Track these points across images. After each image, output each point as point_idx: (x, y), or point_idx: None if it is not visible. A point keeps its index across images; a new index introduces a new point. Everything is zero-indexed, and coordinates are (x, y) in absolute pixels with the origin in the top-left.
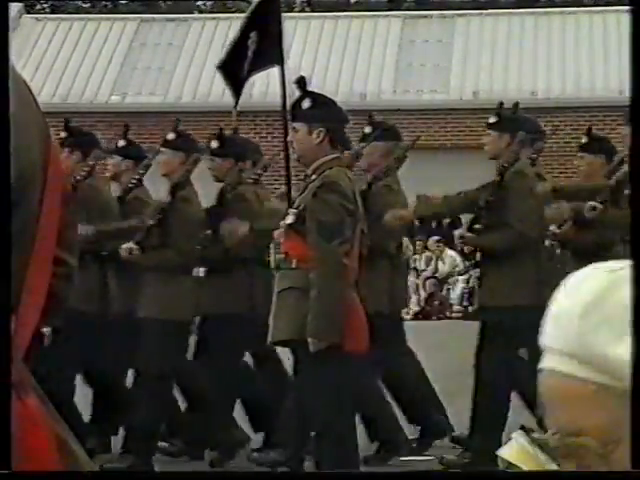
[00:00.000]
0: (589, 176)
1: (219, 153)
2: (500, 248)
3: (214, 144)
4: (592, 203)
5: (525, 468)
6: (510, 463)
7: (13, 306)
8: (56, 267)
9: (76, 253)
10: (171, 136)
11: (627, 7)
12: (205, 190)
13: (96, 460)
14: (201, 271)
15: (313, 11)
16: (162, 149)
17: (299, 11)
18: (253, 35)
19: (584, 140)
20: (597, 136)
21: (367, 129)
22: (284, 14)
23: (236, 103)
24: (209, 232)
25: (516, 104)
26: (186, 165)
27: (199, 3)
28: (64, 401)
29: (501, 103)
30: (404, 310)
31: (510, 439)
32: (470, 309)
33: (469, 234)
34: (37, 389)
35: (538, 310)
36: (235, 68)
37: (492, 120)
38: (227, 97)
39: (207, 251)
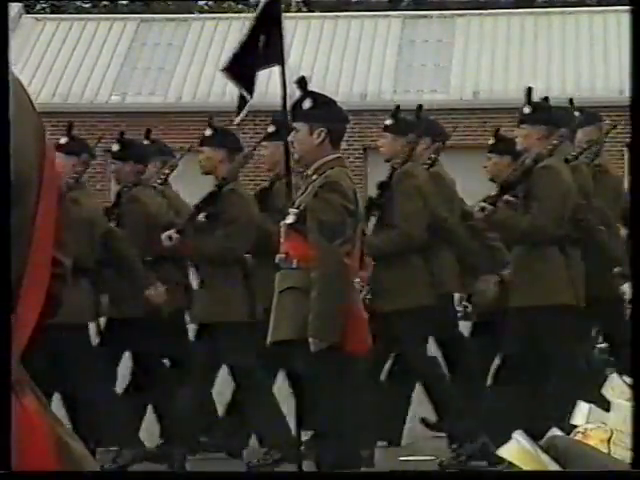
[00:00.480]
0: (495, 176)
1: (120, 156)
2: (386, 249)
3: (115, 147)
4: (481, 204)
5: (525, 468)
6: (510, 462)
7: (13, 306)
8: (52, 268)
9: (70, 254)
10: (64, 140)
11: (627, 7)
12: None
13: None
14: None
15: (310, 11)
16: (56, 153)
17: (296, 11)
18: (263, 37)
19: (491, 141)
20: (504, 137)
21: (270, 128)
22: (284, 14)
23: (247, 101)
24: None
25: (419, 106)
26: (76, 167)
27: (200, 3)
28: None
29: (397, 106)
30: None
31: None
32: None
33: None
34: (34, 388)
35: (431, 310)
36: (243, 69)
37: (388, 122)
38: (227, 97)
39: (102, 252)
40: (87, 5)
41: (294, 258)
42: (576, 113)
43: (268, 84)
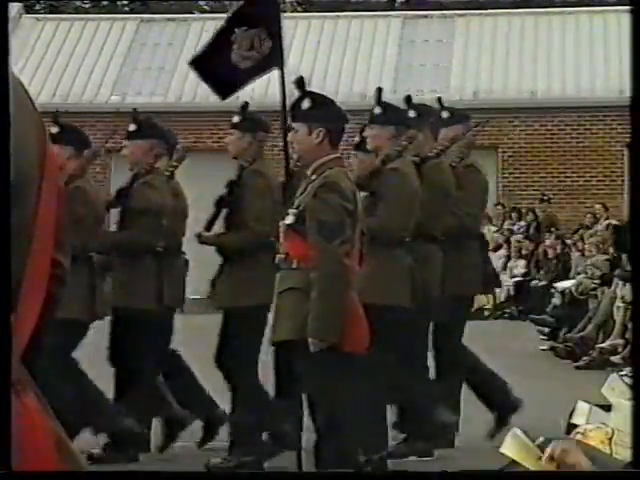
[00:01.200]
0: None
1: None
2: (236, 247)
3: None
4: None
5: (526, 464)
6: (511, 460)
7: (12, 306)
8: (51, 268)
9: (69, 254)
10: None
11: (627, 7)
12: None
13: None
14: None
15: (305, 11)
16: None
17: (291, 11)
18: (239, 31)
19: (357, 139)
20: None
21: (132, 127)
22: (284, 14)
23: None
24: None
25: (245, 104)
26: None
27: (200, 3)
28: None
29: (246, 103)
30: None
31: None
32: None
33: (207, 233)
34: (35, 388)
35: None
36: (218, 64)
37: (235, 120)
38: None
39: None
40: (87, 5)
41: (294, 258)
42: (444, 113)
43: (268, 85)
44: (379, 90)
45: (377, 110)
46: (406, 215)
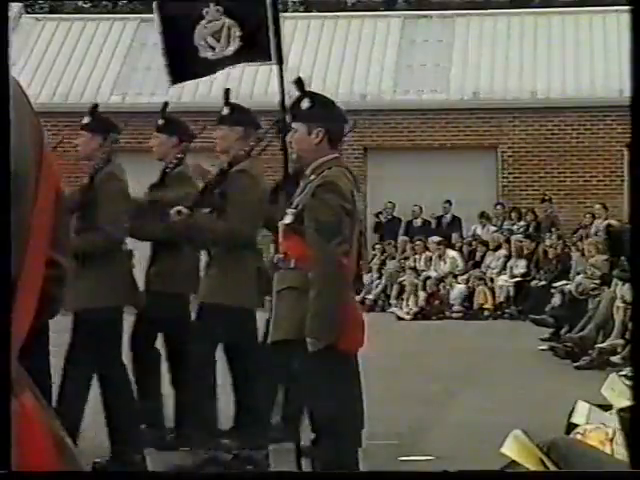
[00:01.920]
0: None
1: None
2: (88, 249)
3: None
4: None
5: (526, 464)
6: (511, 460)
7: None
8: (48, 269)
9: (69, 254)
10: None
11: (627, 7)
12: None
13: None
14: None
15: (306, 11)
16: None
17: (293, 11)
18: (211, 10)
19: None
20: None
21: None
22: (284, 14)
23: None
24: None
25: (95, 105)
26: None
27: None
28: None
29: (95, 105)
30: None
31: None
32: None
33: None
34: (32, 387)
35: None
36: (182, 41)
37: (85, 121)
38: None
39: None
40: (87, 5)
41: (292, 258)
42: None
43: (268, 84)
44: (227, 91)
45: (225, 111)
46: (255, 217)
